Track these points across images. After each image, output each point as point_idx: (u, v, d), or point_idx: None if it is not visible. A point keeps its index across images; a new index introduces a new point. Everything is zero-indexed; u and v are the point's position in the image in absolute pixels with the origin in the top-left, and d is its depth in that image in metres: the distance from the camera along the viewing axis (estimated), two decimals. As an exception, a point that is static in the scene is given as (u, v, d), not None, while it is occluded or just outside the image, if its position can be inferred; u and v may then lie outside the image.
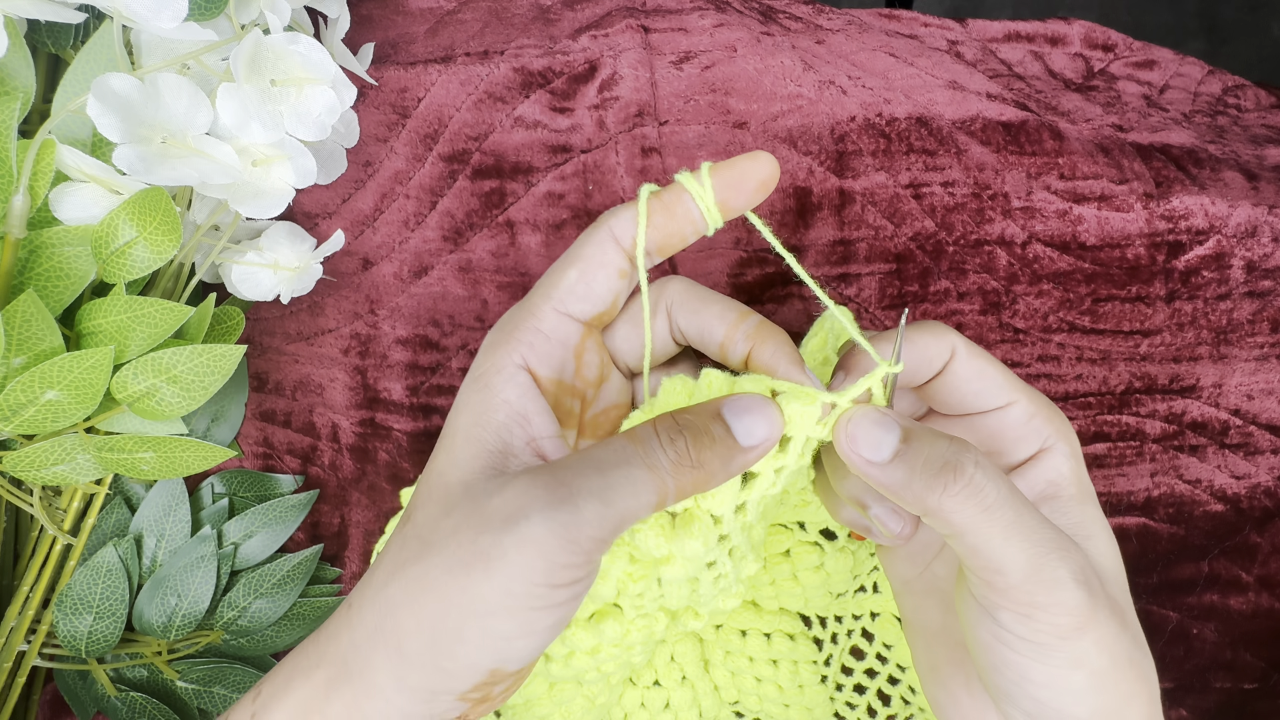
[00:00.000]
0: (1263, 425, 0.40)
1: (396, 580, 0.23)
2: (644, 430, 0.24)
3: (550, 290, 0.27)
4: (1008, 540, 0.24)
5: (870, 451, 0.25)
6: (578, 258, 0.27)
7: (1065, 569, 0.24)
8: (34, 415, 0.30)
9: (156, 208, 0.30)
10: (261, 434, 0.40)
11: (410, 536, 0.24)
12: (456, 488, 0.24)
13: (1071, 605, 0.24)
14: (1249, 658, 0.42)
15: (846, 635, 0.41)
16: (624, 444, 0.23)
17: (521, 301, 0.28)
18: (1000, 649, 0.25)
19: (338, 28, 0.33)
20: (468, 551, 0.22)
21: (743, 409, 0.25)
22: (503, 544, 0.22)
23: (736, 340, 0.28)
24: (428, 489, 0.25)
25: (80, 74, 0.30)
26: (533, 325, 0.26)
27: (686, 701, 0.40)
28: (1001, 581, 0.24)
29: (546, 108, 0.37)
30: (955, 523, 0.24)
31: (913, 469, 0.24)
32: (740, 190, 0.27)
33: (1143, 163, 0.39)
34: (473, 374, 0.27)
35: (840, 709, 0.41)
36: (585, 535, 0.22)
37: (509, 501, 0.22)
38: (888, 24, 0.41)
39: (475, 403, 0.26)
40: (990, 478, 0.24)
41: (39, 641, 0.37)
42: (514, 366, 0.26)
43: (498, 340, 0.27)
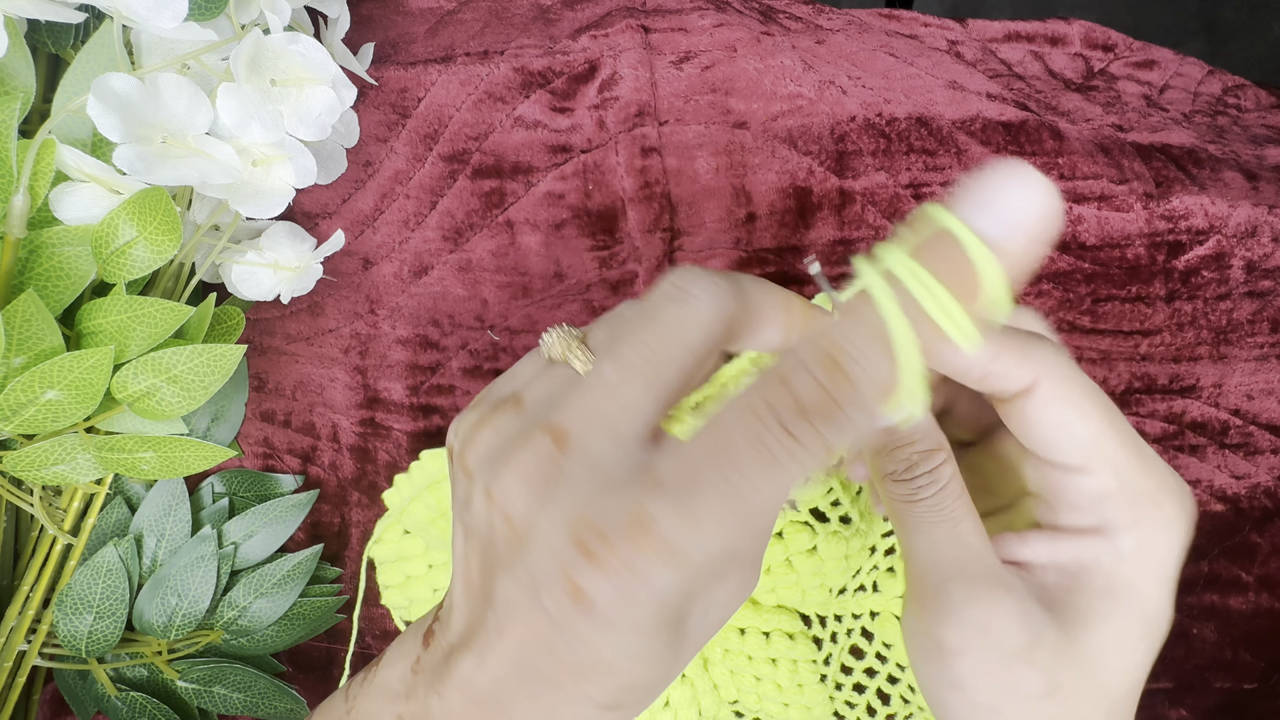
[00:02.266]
0: (1263, 425, 0.40)
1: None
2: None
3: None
4: (915, 532, 0.24)
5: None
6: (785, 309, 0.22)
7: (955, 586, 0.23)
8: (34, 415, 0.30)
9: (156, 208, 0.30)
10: (261, 434, 0.40)
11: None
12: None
13: (949, 623, 0.23)
14: (1249, 658, 0.42)
15: (846, 634, 0.41)
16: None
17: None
18: (913, 648, 0.25)
19: (338, 28, 0.33)
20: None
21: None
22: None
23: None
24: None
25: (80, 74, 0.30)
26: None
27: (685, 699, 0.40)
28: (907, 570, 0.24)
29: (546, 108, 0.37)
30: (885, 500, 0.24)
31: (888, 443, 0.24)
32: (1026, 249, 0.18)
33: (1143, 163, 0.39)
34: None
35: (839, 708, 0.41)
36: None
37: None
38: (888, 24, 0.41)
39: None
40: (933, 487, 0.24)
41: (39, 641, 0.37)
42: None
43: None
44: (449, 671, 0.20)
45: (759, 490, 0.18)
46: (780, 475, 0.18)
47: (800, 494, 0.37)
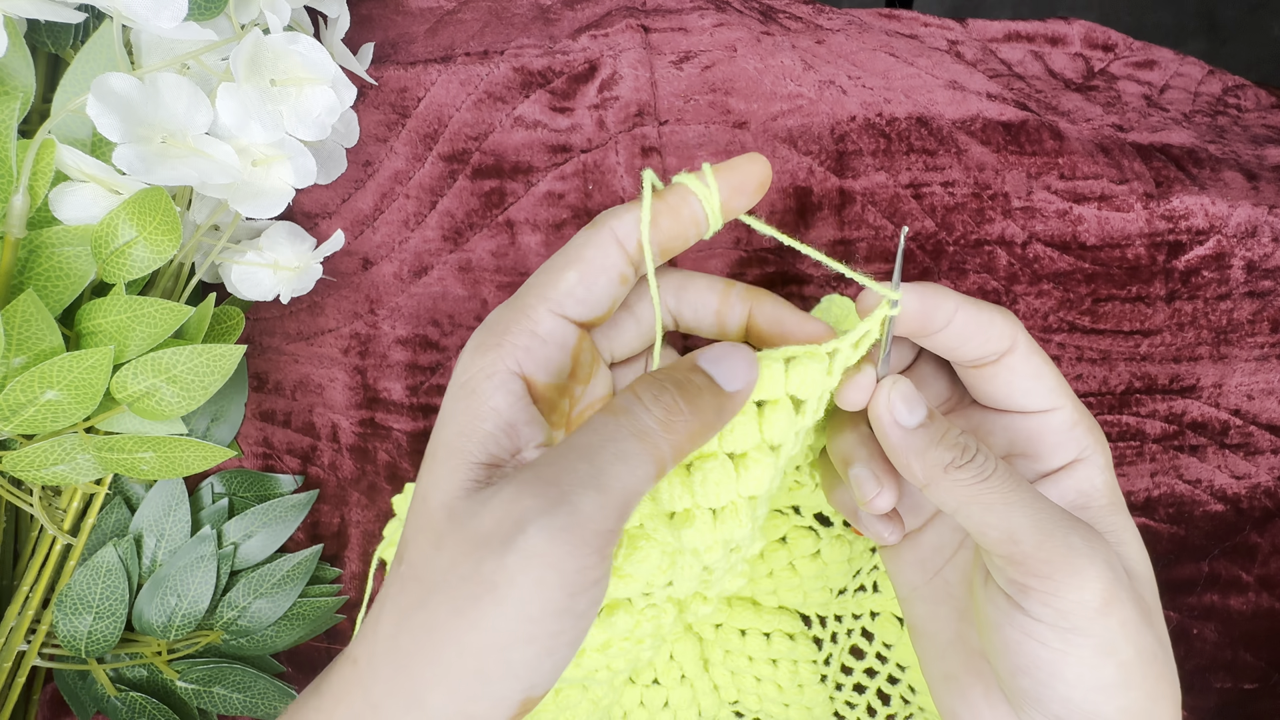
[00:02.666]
0: (1263, 425, 0.40)
1: (405, 631, 0.21)
2: (623, 399, 0.23)
3: (547, 291, 0.25)
4: (1010, 506, 0.24)
5: (904, 415, 0.25)
6: (577, 259, 0.25)
7: (1077, 536, 0.24)
8: (34, 415, 0.30)
9: (156, 208, 0.30)
10: (261, 434, 0.40)
11: (407, 578, 0.22)
12: (439, 512, 0.22)
13: (1091, 577, 0.23)
14: (1249, 658, 0.42)
15: (846, 635, 0.41)
16: (604, 419, 0.22)
17: (510, 301, 0.26)
18: (1029, 645, 0.24)
19: (338, 28, 0.33)
20: (471, 585, 0.20)
21: (717, 357, 0.24)
22: (506, 567, 0.20)
23: (733, 304, 0.28)
24: (414, 519, 0.23)
25: (80, 74, 0.30)
26: (528, 328, 0.25)
27: (685, 700, 0.40)
28: (1017, 551, 0.24)
29: (546, 107, 0.37)
30: (956, 495, 0.25)
31: (930, 440, 0.25)
32: (742, 192, 0.26)
33: (1143, 163, 0.39)
34: (457, 380, 0.24)
35: (840, 708, 0.41)
36: (590, 531, 0.20)
37: (499, 518, 0.21)
38: (888, 24, 0.41)
39: (461, 411, 0.24)
40: (991, 460, 0.25)
41: (39, 641, 0.37)
42: (506, 372, 0.24)
43: (487, 343, 0.25)
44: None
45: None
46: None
47: (803, 499, 0.37)
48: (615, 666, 0.31)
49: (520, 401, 0.24)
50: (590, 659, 0.30)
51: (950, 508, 0.25)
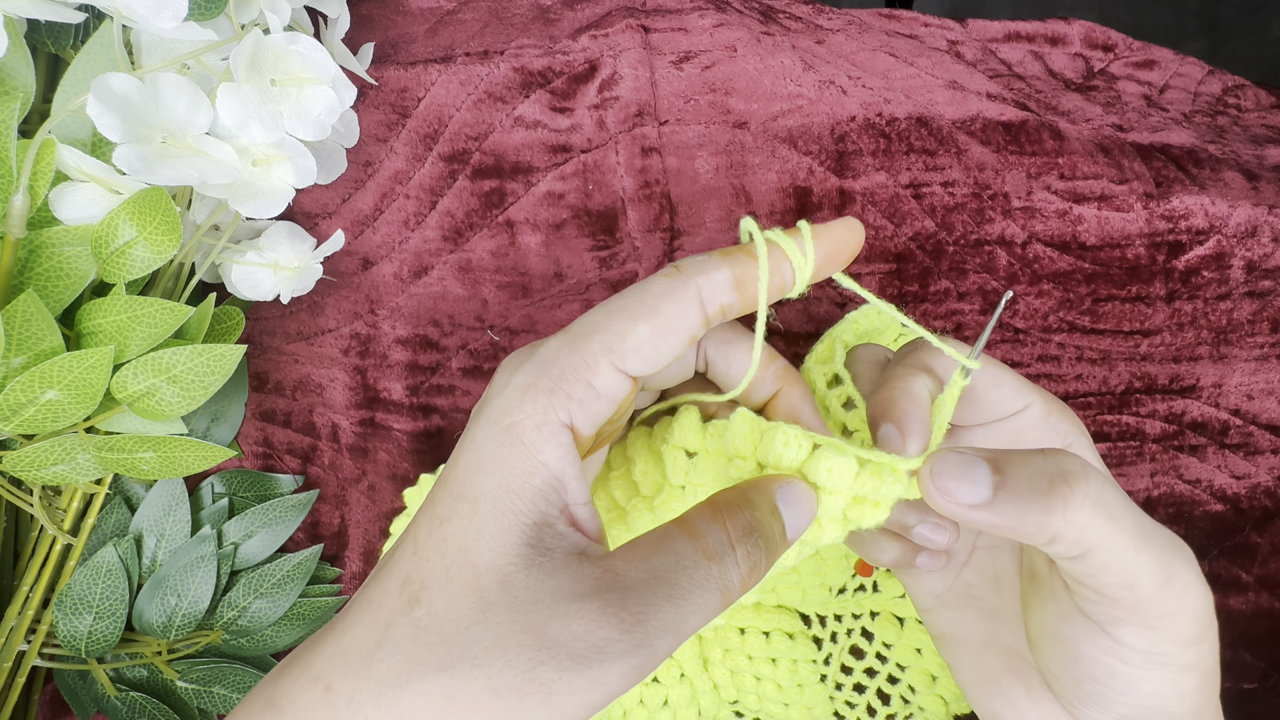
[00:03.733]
0: (1263, 425, 0.40)
1: (417, 685, 0.20)
2: (715, 541, 0.22)
3: (613, 342, 0.23)
4: (1140, 551, 0.22)
5: (968, 493, 0.23)
6: (653, 312, 0.23)
7: (1190, 573, 0.23)
8: (34, 415, 0.30)
9: (156, 208, 0.30)
10: (261, 434, 0.40)
11: (428, 629, 0.21)
12: (489, 575, 0.21)
13: (1197, 611, 0.23)
14: (1249, 658, 0.42)
15: (846, 634, 0.41)
16: (696, 560, 0.21)
17: (571, 342, 0.23)
18: (1108, 661, 0.24)
19: (338, 28, 0.33)
20: (523, 680, 0.19)
21: (796, 500, 0.23)
22: (570, 682, 0.19)
23: (766, 380, 0.27)
24: (445, 565, 0.21)
25: (80, 74, 0.30)
26: (586, 379, 0.23)
27: (685, 699, 0.40)
28: (1132, 597, 0.22)
29: (546, 108, 0.37)
30: (1086, 540, 0.22)
31: (1021, 494, 0.22)
32: (835, 261, 0.25)
33: (1143, 163, 0.39)
34: (499, 419, 0.22)
35: (839, 708, 0.41)
36: (654, 666, 0.20)
37: (577, 635, 0.20)
38: (888, 24, 0.41)
39: (505, 460, 0.22)
40: (1105, 480, 0.23)
41: (39, 641, 0.37)
42: (557, 424, 0.22)
43: (539, 385, 0.23)
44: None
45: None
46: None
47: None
48: None
49: (569, 455, 0.23)
50: None
51: (1074, 553, 0.23)
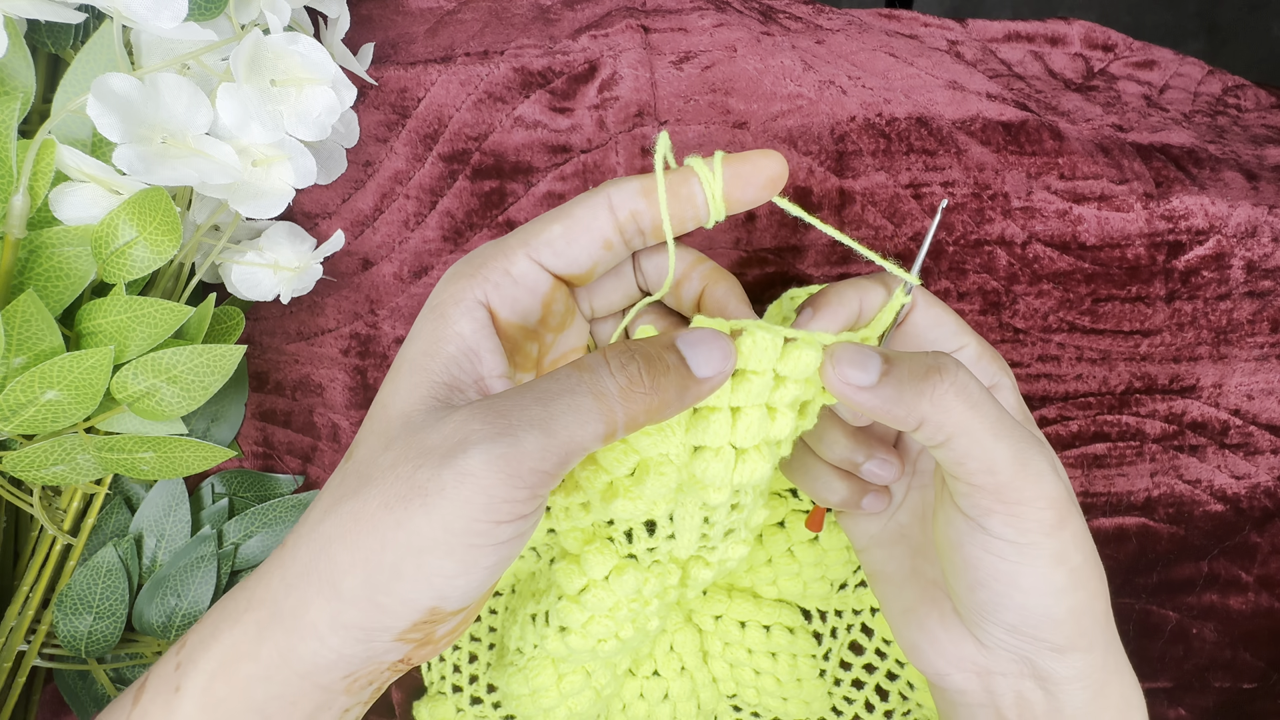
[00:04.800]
0: (1263, 425, 0.40)
1: (332, 516, 0.22)
2: (592, 358, 0.23)
3: (528, 236, 0.26)
4: (997, 438, 0.25)
5: (858, 376, 0.25)
6: (566, 214, 0.26)
7: (1044, 461, 0.25)
8: (34, 415, 0.30)
9: (156, 208, 0.30)
10: (261, 434, 0.40)
11: (349, 472, 0.23)
12: (396, 420, 0.23)
13: (1053, 496, 0.25)
14: (1249, 658, 0.42)
15: (846, 630, 0.41)
16: (569, 372, 0.23)
17: (494, 240, 0.27)
18: (988, 560, 0.26)
19: (338, 28, 0.33)
20: (405, 486, 0.21)
21: (695, 340, 0.24)
22: (440, 478, 0.21)
23: (692, 278, 0.29)
24: (371, 423, 0.24)
25: (80, 74, 0.30)
26: (502, 265, 0.26)
27: (685, 692, 0.40)
28: (992, 481, 0.25)
29: (546, 108, 0.37)
30: (949, 424, 0.25)
31: (900, 381, 0.25)
32: (749, 185, 0.26)
33: (1143, 163, 0.39)
34: (430, 302, 0.26)
35: (838, 703, 0.41)
36: (527, 468, 0.21)
37: (448, 435, 0.22)
38: (888, 24, 0.41)
39: (427, 331, 0.25)
40: (972, 377, 0.25)
41: (39, 641, 0.37)
42: (473, 300, 0.25)
43: (461, 272, 0.26)
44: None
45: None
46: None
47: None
48: (623, 635, 0.31)
49: (483, 329, 0.25)
50: (599, 625, 0.30)
51: (940, 437, 0.25)
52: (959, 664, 0.29)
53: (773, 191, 0.27)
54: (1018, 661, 0.28)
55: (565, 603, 0.31)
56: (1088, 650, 0.27)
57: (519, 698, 0.35)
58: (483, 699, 0.40)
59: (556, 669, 0.34)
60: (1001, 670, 0.28)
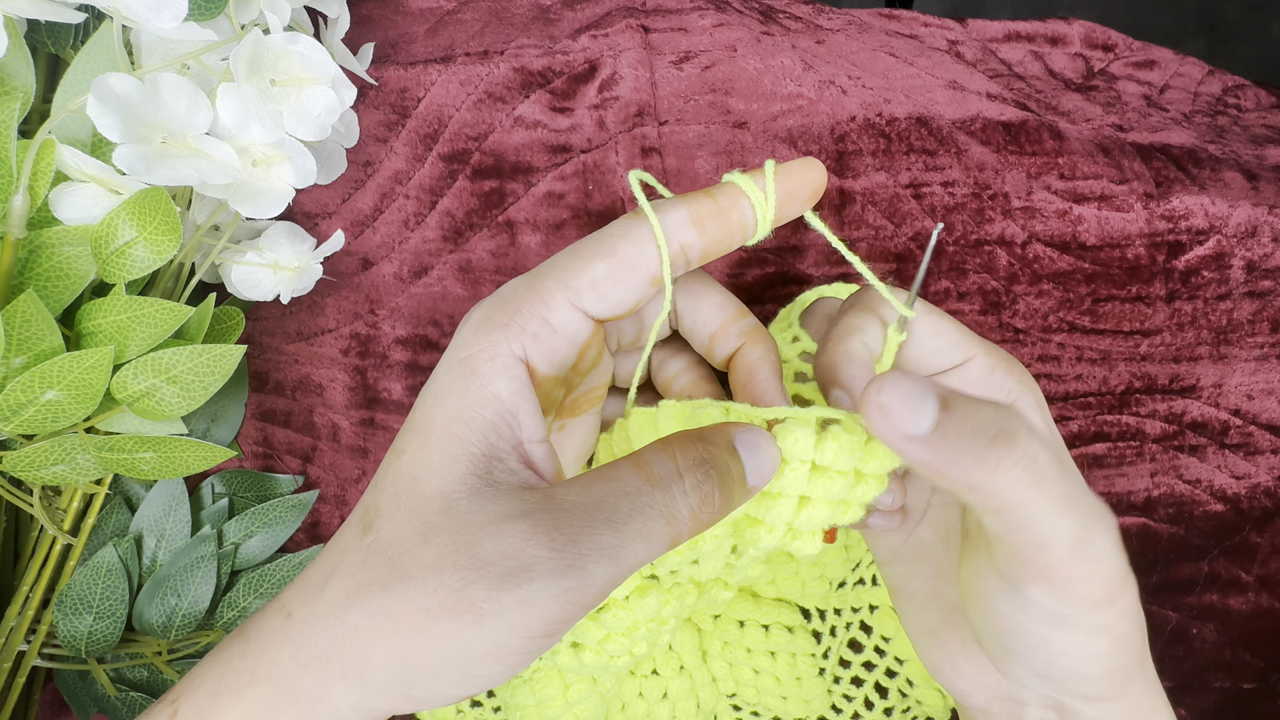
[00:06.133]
0: (1263, 425, 0.40)
1: (359, 606, 0.20)
2: (662, 469, 0.21)
3: (569, 279, 0.23)
4: (1060, 515, 0.22)
5: (909, 424, 0.21)
6: (610, 251, 0.24)
7: (1107, 539, 0.22)
8: (34, 415, 0.30)
9: (156, 208, 0.30)
10: (261, 434, 0.40)
11: (375, 553, 0.21)
12: (433, 501, 0.21)
13: (1108, 578, 0.22)
14: (1248, 658, 0.42)
15: (845, 628, 0.41)
16: (639, 486, 0.21)
17: (528, 278, 0.24)
18: (1020, 619, 0.23)
19: (338, 28, 0.33)
20: (454, 599, 0.20)
21: (754, 444, 0.22)
22: (499, 602, 0.19)
23: (730, 334, 0.27)
24: (396, 492, 0.22)
25: (80, 74, 0.30)
26: (540, 314, 0.23)
27: (684, 691, 0.40)
28: (1043, 558, 0.22)
29: (546, 108, 0.37)
30: (1007, 499, 0.21)
31: (959, 439, 0.21)
32: (797, 200, 0.25)
33: (1143, 163, 0.39)
34: (456, 354, 0.23)
35: (837, 701, 0.41)
36: (591, 596, 0.20)
37: (507, 553, 0.20)
38: (888, 24, 0.41)
39: (458, 392, 0.22)
40: (1042, 445, 0.22)
41: (39, 641, 0.37)
42: (510, 356, 0.23)
43: (494, 320, 0.23)
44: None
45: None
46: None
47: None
48: (637, 651, 0.31)
49: (523, 390, 0.23)
50: (615, 643, 0.30)
51: (992, 506, 0.22)
52: (981, 689, 0.27)
53: (815, 200, 0.25)
54: (1043, 699, 0.26)
55: (584, 621, 0.30)
56: (1120, 699, 0.25)
57: (524, 708, 0.35)
58: (482, 702, 0.40)
59: (563, 679, 0.34)
60: (1025, 701, 0.26)
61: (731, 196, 0.24)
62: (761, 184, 0.24)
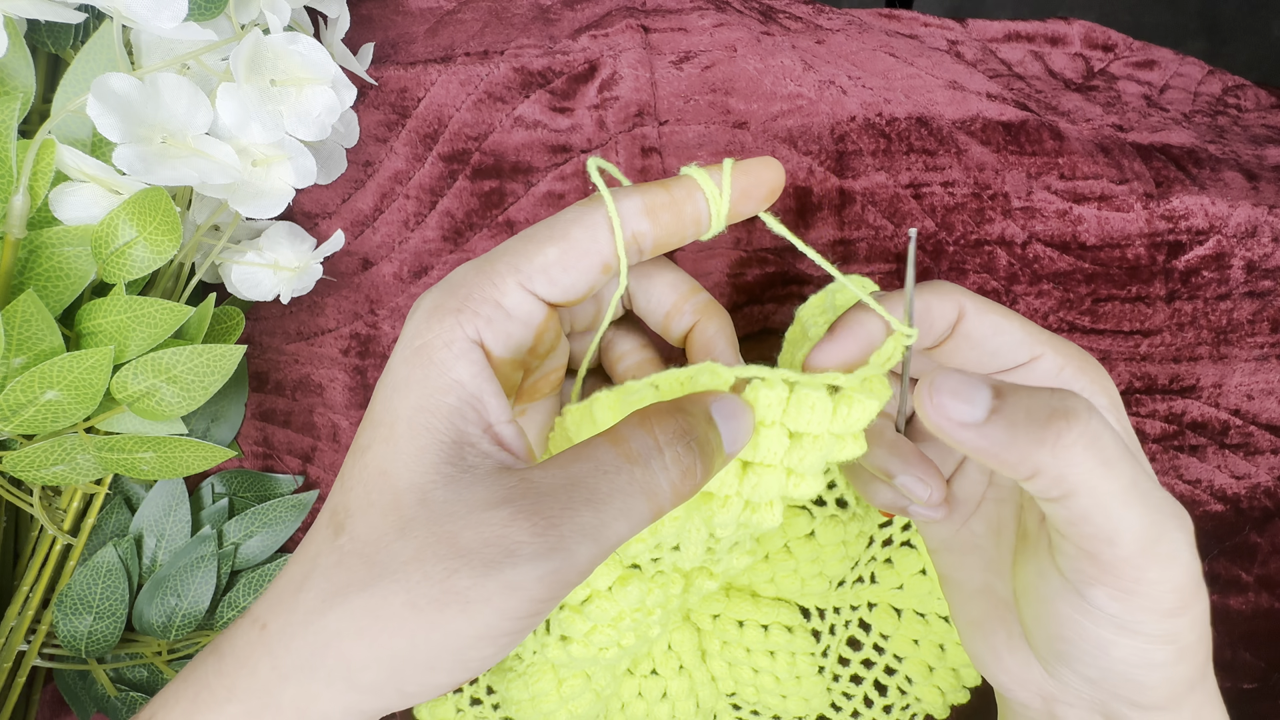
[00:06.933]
0: (1263, 425, 0.40)
1: (339, 609, 0.20)
2: (640, 445, 0.21)
3: (520, 262, 0.23)
4: (1127, 505, 0.21)
5: (961, 410, 0.21)
6: (562, 235, 0.23)
7: (1180, 538, 0.21)
8: (34, 415, 0.30)
9: (156, 208, 0.30)
10: (261, 434, 0.40)
11: (350, 553, 0.21)
12: (407, 495, 0.21)
13: (1181, 583, 0.21)
14: (1249, 658, 0.42)
15: (844, 626, 0.41)
16: (618, 464, 0.21)
17: (478, 262, 0.24)
18: (1080, 622, 0.23)
19: (338, 28, 0.33)
20: (438, 589, 0.19)
21: (731, 412, 0.22)
22: (485, 587, 0.19)
23: (684, 311, 0.27)
24: (366, 489, 0.21)
25: (80, 74, 0.30)
26: (492, 297, 0.23)
27: (683, 691, 0.40)
28: (1110, 554, 0.21)
29: (546, 108, 0.37)
30: (1071, 479, 0.21)
31: (1014, 422, 0.21)
32: (750, 197, 0.25)
33: (1143, 163, 0.39)
34: (410, 342, 0.22)
35: (837, 699, 0.41)
36: (576, 575, 0.20)
37: (489, 540, 0.19)
38: (888, 24, 0.41)
39: (418, 380, 0.22)
40: (1107, 426, 0.21)
41: (39, 641, 0.37)
42: (465, 340, 0.22)
43: (445, 305, 0.23)
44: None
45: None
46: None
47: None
48: (625, 643, 0.31)
49: (483, 373, 0.22)
50: (602, 634, 0.30)
51: (1056, 492, 0.21)
52: (1024, 685, 0.26)
53: (773, 199, 0.25)
54: (1090, 702, 0.25)
55: (568, 612, 0.30)
56: (1176, 710, 0.23)
57: (519, 703, 0.35)
58: (482, 700, 0.40)
59: (556, 674, 0.34)
60: (1070, 702, 0.25)
61: (687, 189, 0.24)
62: (718, 179, 0.25)
